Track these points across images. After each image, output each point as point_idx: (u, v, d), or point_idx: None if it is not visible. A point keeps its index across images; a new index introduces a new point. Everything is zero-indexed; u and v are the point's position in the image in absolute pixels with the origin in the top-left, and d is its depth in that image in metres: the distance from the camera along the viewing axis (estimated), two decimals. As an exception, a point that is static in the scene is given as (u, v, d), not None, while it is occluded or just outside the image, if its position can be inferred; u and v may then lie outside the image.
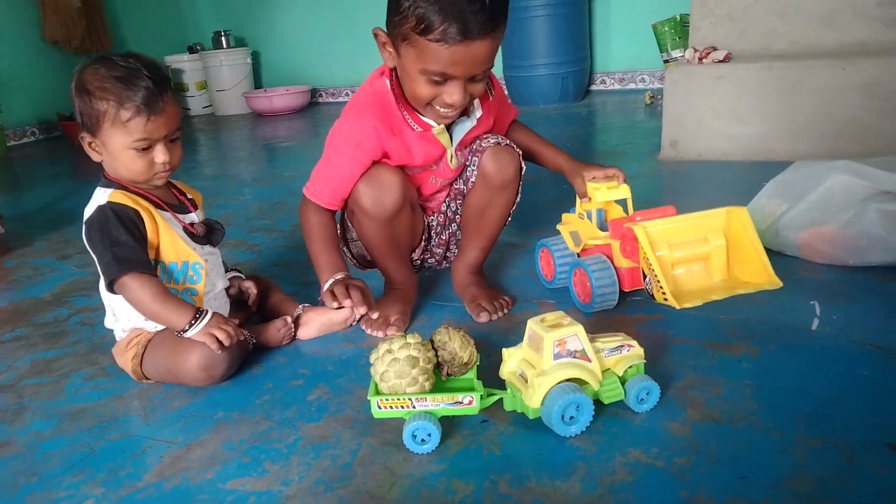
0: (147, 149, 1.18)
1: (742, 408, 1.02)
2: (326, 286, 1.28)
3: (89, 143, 1.20)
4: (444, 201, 1.47)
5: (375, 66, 1.33)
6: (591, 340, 1.03)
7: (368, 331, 1.36)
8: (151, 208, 1.22)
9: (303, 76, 5.24)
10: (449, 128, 1.32)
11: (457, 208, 1.46)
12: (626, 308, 1.37)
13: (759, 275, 1.39)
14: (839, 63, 2.23)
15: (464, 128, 1.33)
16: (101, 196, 1.21)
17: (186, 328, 1.17)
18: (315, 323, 1.36)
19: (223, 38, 5.11)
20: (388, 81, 1.28)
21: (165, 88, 1.18)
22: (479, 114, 1.34)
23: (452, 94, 1.18)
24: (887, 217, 1.39)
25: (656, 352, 1.17)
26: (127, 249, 1.16)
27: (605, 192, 1.37)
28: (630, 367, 1.04)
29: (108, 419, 1.15)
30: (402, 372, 0.99)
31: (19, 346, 1.48)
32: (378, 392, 1.01)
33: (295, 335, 1.36)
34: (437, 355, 1.04)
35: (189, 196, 1.34)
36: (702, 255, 1.40)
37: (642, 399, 1.03)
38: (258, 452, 1.02)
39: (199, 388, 1.21)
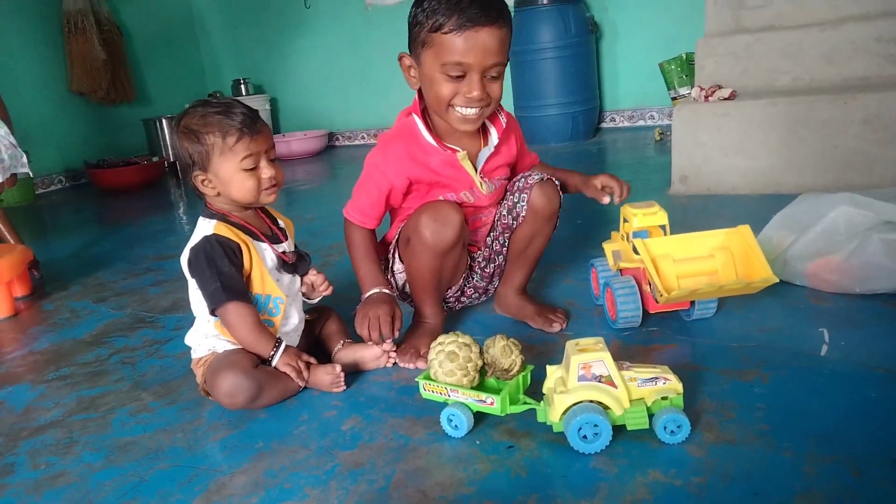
0: (254, 169, 1.31)
1: (754, 429, 1.08)
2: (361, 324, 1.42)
3: (202, 181, 1.32)
4: (490, 235, 1.60)
5: (390, 108, 1.49)
6: (627, 369, 1.10)
7: (401, 363, 1.43)
8: (249, 241, 1.33)
9: (320, 121, 5.40)
10: (472, 161, 1.49)
11: (504, 241, 1.59)
12: (644, 338, 1.43)
13: (756, 273, 1.38)
14: (841, 98, 2.30)
15: (484, 154, 1.50)
16: (206, 226, 1.33)
17: (272, 356, 1.32)
18: (349, 357, 1.43)
19: (242, 85, 5.30)
20: (415, 115, 1.45)
21: (257, 114, 1.34)
22: (495, 141, 1.49)
23: (471, 88, 1.33)
24: (890, 246, 1.45)
25: (672, 378, 1.23)
26: (231, 279, 1.28)
27: (641, 217, 1.47)
28: (664, 398, 1.08)
29: (154, 450, 1.22)
30: (443, 363, 1.15)
31: (64, 385, 1.55)
32: (427, 377, 1.18)
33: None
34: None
35: (280, 224, 1.45)
36: (708, 269, 1.42)
37: (672, 431, 1.05)
38: (298, 478, 1.09)
39: (240, 420, 1.28)
